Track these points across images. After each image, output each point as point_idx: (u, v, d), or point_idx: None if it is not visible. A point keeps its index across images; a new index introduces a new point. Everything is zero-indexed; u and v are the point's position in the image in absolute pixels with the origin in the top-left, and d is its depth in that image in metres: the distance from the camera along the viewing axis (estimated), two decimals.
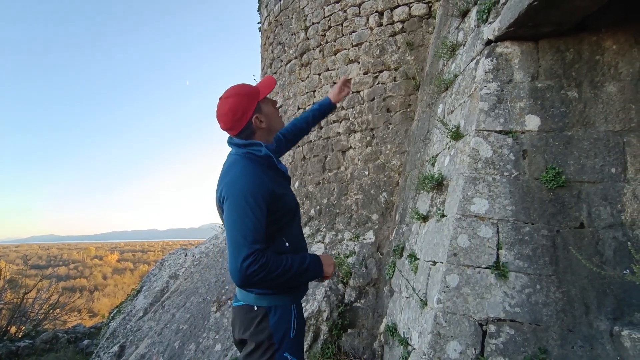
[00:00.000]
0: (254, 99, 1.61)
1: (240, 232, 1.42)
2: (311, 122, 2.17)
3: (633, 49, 2.54)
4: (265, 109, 1.64)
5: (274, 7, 6.31)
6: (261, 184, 1.51)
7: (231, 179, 1.53)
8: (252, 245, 1.40)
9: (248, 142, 1.63)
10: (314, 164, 5.37)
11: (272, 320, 1.55)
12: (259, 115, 1.63)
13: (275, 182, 1.60)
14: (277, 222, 1.58)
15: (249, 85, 1.66)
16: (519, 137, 2.58)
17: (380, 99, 4.84)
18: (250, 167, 1.56)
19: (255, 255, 1.39)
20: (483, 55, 2.82)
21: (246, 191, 1.47)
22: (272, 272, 1.42)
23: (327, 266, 1.64)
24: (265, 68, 6.71)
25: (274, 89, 1.63)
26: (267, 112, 1.64)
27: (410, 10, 4.75)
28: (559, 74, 2.62)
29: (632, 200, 2.38)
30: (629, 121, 2.50)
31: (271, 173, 1.61)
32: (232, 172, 1.56)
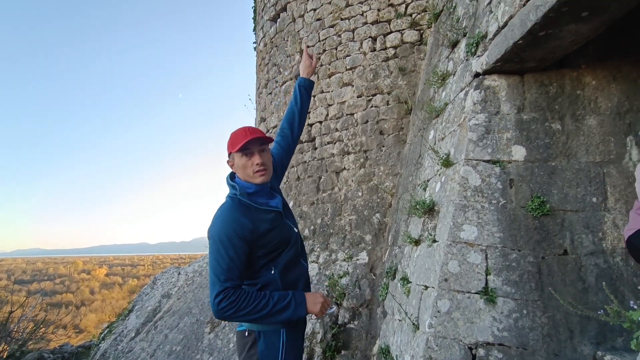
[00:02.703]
0: (229, 148, 1.77)
1: (214, 271, 1.56)
2: (298, 105, 2.10)
3: (611, 85, 2.71)
4: (236, 160, 1.74)
5: (270, 29, 6.48)
6: (237, 225, 1.61)
7: (213, 220, 1.69)
8: (223, 284, 1.54)
9: (231, 183, 1.77)
10: (308, 185, 5.45)
11: (260, 347, 1.64)
12: (231, 160, 1.79)
13: (258, 220, 1.67)
14: (267, 255, 1.68)
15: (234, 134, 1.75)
16: (506, 166, 2.70)
17: (373, 121, 4.98)
18: (230, 208, 1.68)
19: (225, 293, 1.53)
20: (472, 87, 2.96)
21: (222, 233, 1.60)
22: (242, 309, 1.54)
23: (312, 305, 1.68)
24: (260, 88, 6.85)
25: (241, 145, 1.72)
26: (237, 164, 1.75)
27: (403, 37, 4.94)
28: (543, 107, 2.76)
29: (612, 229, 2.50)
30: (608, 153, 2.64)
31: (252, 212, 1.68)
32: (216, 213, 1.72)
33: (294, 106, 2.10)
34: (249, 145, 1.72)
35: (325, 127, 5.36)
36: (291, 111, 2.10)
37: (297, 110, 2.09)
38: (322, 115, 5.39)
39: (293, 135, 2.09)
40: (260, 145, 1.75)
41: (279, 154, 2.04)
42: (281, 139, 2.08)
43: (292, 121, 2.09)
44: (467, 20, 3.37)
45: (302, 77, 2.15)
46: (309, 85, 2.15)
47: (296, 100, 2.10)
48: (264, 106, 6.58)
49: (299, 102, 2.10)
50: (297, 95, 2.11)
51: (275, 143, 2.09)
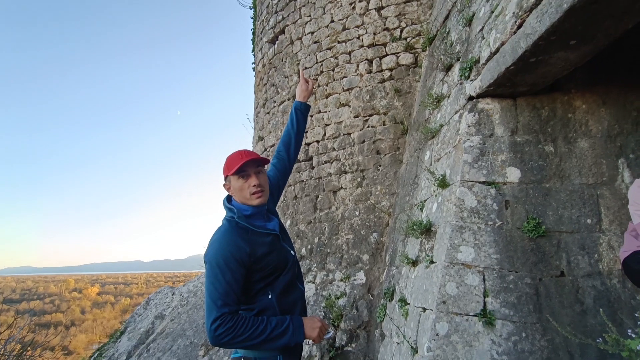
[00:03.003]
0: (225, 171, 1.78)
1: (210, 296, 1.55)
2: (294, 128, 2.12)
3: (600, 108, 2.78)
4: (233, 183, 1.76)
5: (268, 50, 6.62)
6: (235, 249, 1.61)
7: (210, 244, 1.69)
8: (220, 309, 1.52)
9: (228, 206, 1.78)
10: (306, 204, 5.46)
11: None
12: (227, 183, 1.80)
13: (256, 243, 1.67)
14: (264, 279, 1.67)
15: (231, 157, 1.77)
16: (501, 188, 2.74)
17: (370, 141, 5.03)
18: (227, 232, 1.68)
19: (222, 319, 1.51)
20: (466, 109, 3.03)
21: (219, 256, 1.59)
22: (239, 336, 1.52)
23: (310, 329, 1.66)
24: (258, 107, 6.93)
25: (238, 167, 1.73)
26: (234, 186, 1.76)
27: (398, 60, 5.06)
28: (536, 130, 2.82)
29: (607, 250, 2.52)
30: (601, 175, 2.68)
31: (249, 235, 1.69)
32: (214, 237, 1.72)
33: (290, 129, 2.13)
34: (246, 167, 1.74)
35: (323, 146, 5.41)
36: (287, 134, 2.13)
37: (293, 133, 2.12)
38: (319, 134, 5.45)
39: (289, 157, 2.11)
40: (256, 167, 1.78)
41: (275, 176, 2.06)
42: (277, 161, 2.10)
43: (288, 143, 2.11)
44: (460, 45, 3.47)
45: (299, 101, 2.19)
46: (305, 109, 2.20)
47: (292, 123, 2.14)
48: (262, 125, 6.65)
49: (295, 125, 2.13)
50: (293, 118, 2.15)
51: (271, 165, 2.11)
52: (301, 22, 5.85)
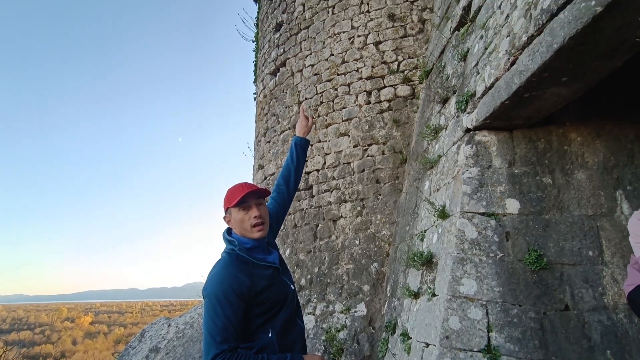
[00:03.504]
0: (226, 204, 1.79)
1: (210, 332, 1.51)
2: (294, 163, 2.15)
3: (595, 141, 2.83)
4: (234, 215, 1.76)
5: (270, 82, 6.79)
6: (235, 282, 1.59)
7: (209, 277, 1.67)
8: (220, 346, 1.48)
9: (228, 238, 1.77)
10: (305, 232, 5.43)
11: None
12: (228, 215, 1.80)
13: (256, 276, 1.66)
14: (263, 315, 1.64)
15: (231, 190, 1.79)
16: (501, 219, 2.74)
17: (369, 170, 5.08)
18: (227, 265, 1.66)
19: (222, 356, 1.47)
20: (463, 141, 3.08)
21: (218, 290, 1.57)
22: None
23: None
24: (259, 136, 7.03)
25: (239, 199, 1.74)
26: (235, 218, 1.76)
27: (396, 91, 5.19)
28: (533, 161, 2.86)
29: (611, 284, 2.49)
30: (600, 206, 2.70)
31: (250, 268, 1.67)
32: (213, 270, 1.70)
33: (290, 163, 2.17)
34: (247, 199, 1.75)
35: (323, 175, 5.45)
36: (287, 168, 2.16)
37: (292, 167, 2.15)
38: (319, 163, 5.50)
39: (289, 190, 2.14)
40: (257, 198, 1.79)
41: (275, 209, 2.07)
42: (277, 194, 2.12)
43: (288, 177, 2.14)
44: (456, 79, 3.58)
45: (298, 136, 2.24)
46: (305, 144, 2.24)
47: (292, 157, 2.18)
48: (262, 154, 6.72)
49: (295, 159, 2.17)
50: (293, 153, 2.18)
51: (270, 199, 2.13)
52: (302, 55, 6.04)
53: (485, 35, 3.05)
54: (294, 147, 2.19)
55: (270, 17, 6.94)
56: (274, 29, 6.75)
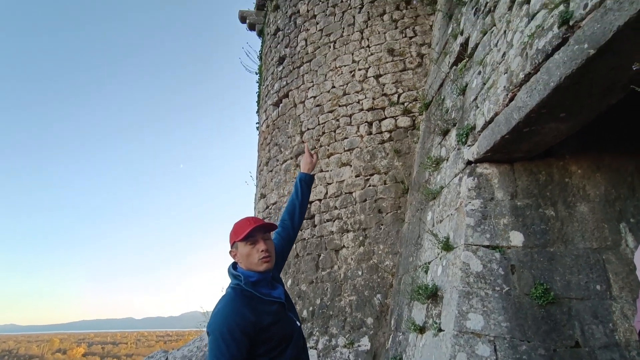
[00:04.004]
0: (232, 238, 1.80)
1: None
2: (298, 198, 2.17)
3: (596, 174, 2.87)
4: (240, 249, 1.76)
5: (272, 112, 6.94)
6: (240, 318, 1.57)
7: (214, 313, 1.65)
8: None
9: (234, 273, 1.76)
10: (307, 262, 5.37)
11: None
12: (234, 250, 1.80)
13: (262, 312, 1.64)
14: (269, 353, 1.61)
15: (238, 224, 1.81)
16: (505, 252, 2.73)
17: (371, 200, 5.09)
18: (232, 300, 1.65)
19: None
20: (465, 173, 3.12)
21: (223, 327, 1.55)
22: None
23: None
24: (261, 165, 7.10)
25: (246, 233, 1.75)
26: (241, 252, 1.76)
27: (397, 122, 5.29)
28: (535, 194, 2.88)
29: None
30: (604, 239, 2.69)
31: (255, 304, 1.66)
32: (217, 306, 1.68)
33: (294, 199, 2.19)
34: (254, 233, 1.76)
35: (325, 205, 5.46)
36: (292, 203, 2.18)
37: (297, 203, 2.18)
38: (321, 193, 5.52)
39: (293, 226, 2.15)
40: (264, 232, 1.80)
41: (280, 244, 2.07)
42: (282, 229, 2.13)
43: (292, 213, 2.16)
44: (455, 112, 3.66)
45: (303, 172, 2.28)
46: (309, 180, 2.28)
47: (297, 193, 2.20)
48: (265, 183, 6.76)
49: (300, 195, 2.20)
50: (298, 189, 2.21)
51: (275, 234, 2.13)
52: (304, 88, 6.20)
53: (483, 71, 3.16)
54: (299, 183, 2.22)
55: (274, 50, 7.19)
56: (277, 62, 6.97)
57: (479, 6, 3.58)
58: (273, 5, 7.50)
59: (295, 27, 6.68)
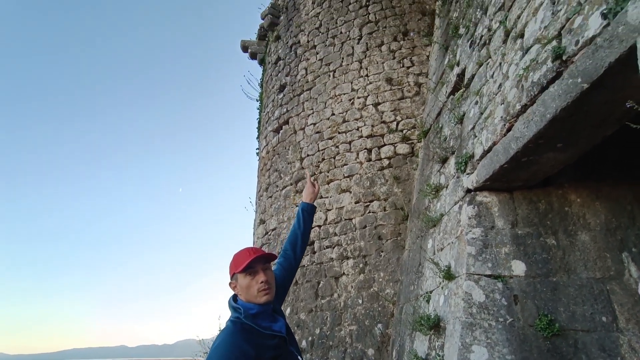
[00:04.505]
0: (232, 270, 1.77)
1: None
2: (301, 228, 2.16)
3: (595, 202, 2.88)
4: (240, 281, 1.74)
5: (273, 138, 7.02)
6: (239, 353, 1.53)
7: (213, 348, 1.60)
8: None
9: (234, 305, 1.73)
10: (307, 290, 5.28)
11: None
12: (234, 282, 1.77)
13: (262, 347, 1.60)
14: None
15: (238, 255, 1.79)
16: (508, 281, 2.69)
17: (371, 226, 5.07)
18: (232, 335, 1.61)
19: None
20: (465, 201, 3.12)
21: None
22: None
23: None
24: (261, 191, 7.11)
25: (246, 264, 1.74)
26: (241, 284, 1.74)
27: (396, 149, 5.35)
28: (535, 222, 2.88)
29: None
30: (607, 269, 2.67)
31: (255, 338, 1.62)
32: (217, 340, 1.64)
33: (296, 229, 2.18)
34: (254, 264, 1.73)
35: (324, 231, 5.43)
36: (294, 233, 2.17)
37: (299, 233, 2.16)
38: (321, 219, 5.50)
39: (295, 256, 2.12)
40: (264, 263, 1.77)
41: (282, 274, 2.04)
42: (284, 259, 2.10)
43: (294, 243, 2.14)
44: (453, 141, 3.72)
45: (305, 202, 2.28)
46: (312, 209, 2.27)
47: (299, 223, 2.19)
48: (264, 209, 6.75)
49: (302, 225, 2.19)
50: (300, 218, 2.21)
51: (277, 264, 2.11)
52: (304, 115, 6.31)
53: (480, 102, 3.23)
54: (301, 213, 2.21)
55: (275, 79, 7.36)
56: (278, 89, 7.13)
57: (475, 39, 3.71)
58: (274, 35, 7.74)
59: (295, 56, 6.87)
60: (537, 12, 2.53)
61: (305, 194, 2.30)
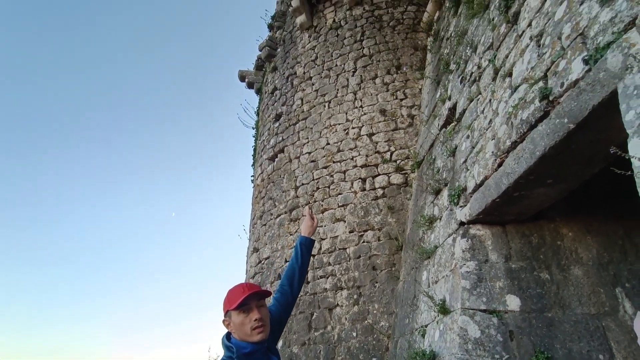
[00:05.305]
0: (225, 306, 1.73)
1: None
2: (298, 262, 2.12)
3: (587, 236, 2.91)
4: (234, 318, 1.70)
5: (268, 166, 7.06)
6: None
7: None
8: None
9: (227, 344, 1.68)
10: (300, 322, 5.16)
11: None
12: (227, 319, 1.73)
13: None
14: None
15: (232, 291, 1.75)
16: (503, 317, 2.67)
17: (365, 256, 5.03)
18: None
19: None
20: (459, 234, 3.14)
21: None
22: None
23: None
24: (255, 219, 7.07)
25: (240, 301, 1.71)
26: (235, 321, 1.70)
27: (390, 179, 5.41)
28: (528, 256, 2.89)
29: None
30: (602, 305, 2.66)
31: None
32: None
33: (294, 263, 2.15)
34: (248, 301, 1.70)
35: (318, 261, 5.37)
36: (292, 268, 2.14)
37: (297, 267, 2.13)
38: (315, 249, 5.45)
39: (293, 291, 2.08)
40: (258, 300, 1.74)
41: (278, 311, 2.00)
42: (280, 295, 2.06)
43: (292, 278, 2.10)
44: (446, 173, 3.78)
45: (304, 236, 2.25)
46: (310, 244, 2.25)
47: (297, 257, 2.16)
48: (258, 237, 6.68)
49: (300, 259, 2.15)
50: (298, 253, 2.18)
51: (273, 300, 2.07)
52: (299, 144, 6.39)
53: (471, 136, 3.31)
54: (299, 247, 2.19)
55: (271, 108, 7.50)
56: (274, 118, 7.24)
57: (465, 75, 3.85)
58: (271, 66, 7.96)
59: (292, 87, 7.04)
60: (524, 53, 2.65)
61: (303, 228, 2.29)
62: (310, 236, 2.25)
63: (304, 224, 2.30)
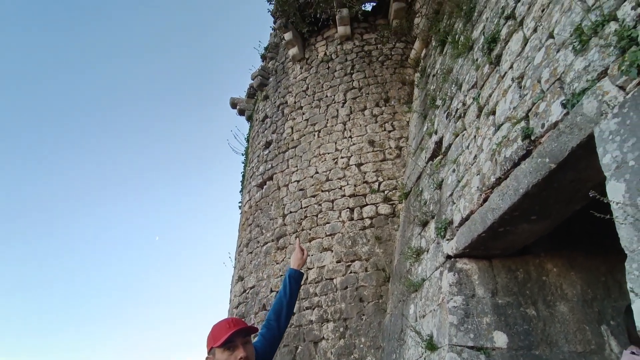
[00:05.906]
0: (209, 343, 1.68)
1: None
2: (287, 296, 2.06)
3: (570, 272, 2.94)
4: (218, 356, 1.64)
5: (256, 193, 7.03)
6: None
7: None
8: None
9: None
10: (284, 355, 4.98)
11: None
12: (211, 357, 1.67)
13: None
14: None
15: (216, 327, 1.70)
16: (490, 354, 2.63)
17: (353, 287, 4.96)
18: None
19: None
20: (446, 267, 3.14)
21: None
22: None
23: None
24: (241, 246, 6.95)
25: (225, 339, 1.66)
26: (218, 359, 1.63)
27: (377, 209, 5.43)
28: (515, 292, 2.90)
29: None
30: (588, 343, 2.66)
31: None
32: None
33: (282, 297, 2.08)
34: (233, 338, 1.64)
35: (305, 291, 5.26)
36: (279, 302, 2.07)
37: (285, 301, 2.06)
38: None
39: (280, 326, 2.01)
40: (244, 337, 1.68)
41: (263, 347, 1.93)
42: (266, 330, 1.99)
43: (279, 312, 2.04)
44: (433, 205, 3.82)
45: (293, 269, 2.21)
46: (299, 277, 2.20)
47: (285, 291, 2.10)
48: (243, 265, 6.55)
49: (288, 292, 2.10)
50: (286, 286, 2.12)
51: (259, 335, 2.00)
52: (288, 172, 6.41)
53: (457, 170, 3.39)
54: (288, 280, 2.13)
55: (261, 135, 7.56)
56: (264, 146, 7.29)
57: (451, 111, 3.98)
58: (263, 95, 8.10)
59: (282, 115, 7.15)
60: (507, 93, 2.77)
61: (293, 260, 2.24)
62: (299, 269, 2.21)
63: (294, 256, 2.25)
